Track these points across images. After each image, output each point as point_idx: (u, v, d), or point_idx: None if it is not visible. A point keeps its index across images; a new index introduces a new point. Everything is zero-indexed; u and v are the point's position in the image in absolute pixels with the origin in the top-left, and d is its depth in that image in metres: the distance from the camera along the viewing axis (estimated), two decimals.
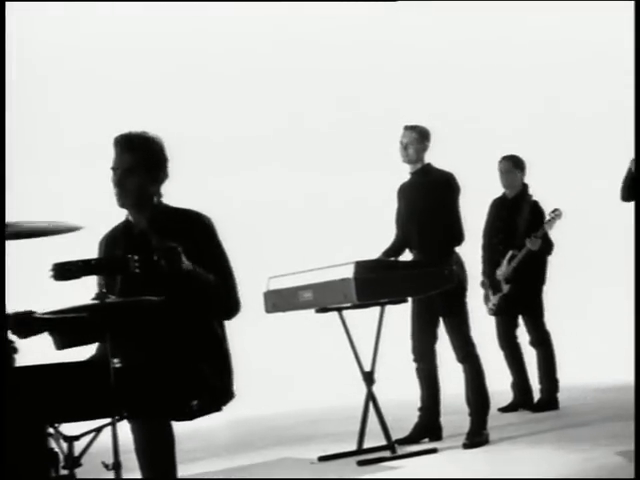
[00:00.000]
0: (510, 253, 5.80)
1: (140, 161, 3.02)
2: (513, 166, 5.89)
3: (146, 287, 2.85)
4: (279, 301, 4.78)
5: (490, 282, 5.88)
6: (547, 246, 5.79)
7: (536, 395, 5.91)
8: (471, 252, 5.33)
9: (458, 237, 4.86)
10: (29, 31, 8.08)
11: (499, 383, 5.37)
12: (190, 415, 2.90)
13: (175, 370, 2.83)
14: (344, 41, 8.82)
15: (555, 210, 5.74)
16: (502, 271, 5.82)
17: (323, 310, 4.73)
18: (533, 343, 5.90)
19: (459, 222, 4.87)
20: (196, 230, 3.01)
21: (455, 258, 4.82)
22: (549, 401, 5.83)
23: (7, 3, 4.83)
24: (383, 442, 4.67)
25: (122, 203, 3.06)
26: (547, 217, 5.75)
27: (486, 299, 5.96)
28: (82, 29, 8.59)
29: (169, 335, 2.88)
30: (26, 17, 7.88)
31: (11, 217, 2.77)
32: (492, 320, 5.98)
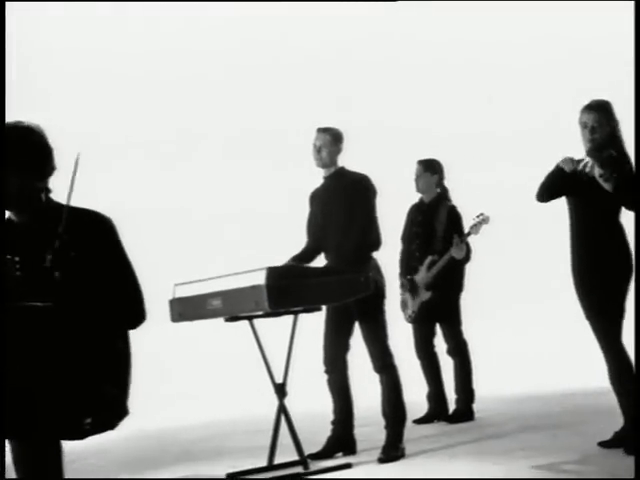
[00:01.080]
0: (429, 259, 5.67)
1: (15, 156, 2.70)
2: (424, 170, 5.78)
3: (32, 292, 2.56)
4: (186, 309, 4.53)
5: (410, 287, 5.74)
6: (467, 253, 5.68)
7: (451, 406, 5.81)
8: (390, 258, 5.20)
9: (375, 242, 4.70)
10: (29, 31, 8.24)
11: (414, 393, 5.23)
12: (83, 434, 2.63)
13: (64, 385, 2.55)
14: (343, 40, 8.98)
15: (481, 214, 5.64)
16: (421, 277, 5.69)
17: (233, 319, 4.50)
18: (450, 352, 5.78)
19: (376, 226, 4.72)
20: (96, 233, 2.73)
21: (372, 264, 4.66)
22: (464, 412, 5.72)
23: (7, 3, 4.81)
24: (295, 457, 4.49)
25: None
26: (472, 221, 5.66)
27: (404, 306, 5.82)
28: (82, 29, 8.80)
29: (57, 346, 2.59)
30: (26, 17, 8.03)
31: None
32: (405, 328, 5.83)
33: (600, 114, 4.30)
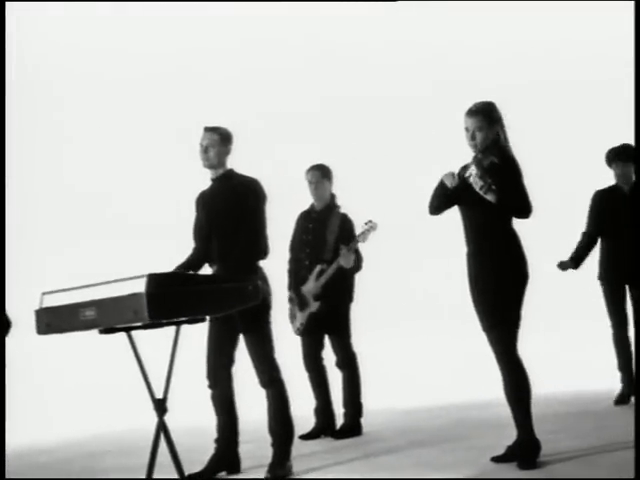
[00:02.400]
0: (318, 268, 5.46)
1: None
2: (322, 176, 5.58)
3: None
4: (55, 320, 4.14)
5: (297, 299, 5.51)
6: (357, 261, 5.50)
7: (339, 420, 5.62)
8: (277, 267, 4.99)
9: (263, 250, 4.47)
10: (29, 31, 8.17)
11: (302, 408, 5.02)
12: None
13: None
14: (344, 40, 8.99)
15: (369, 221, 5.46)
16: (309, 287, 5.48)
17: (109, 331, 4.16)
18: (339, 364, 5.59)
19: (264, 233, 4.49)
20: None
21: (260, 273, 4.42)
22: (352, 426, 5.55)
23: (7, 3, 4.71)
24: (175, 476, 4.19)
25: None
26: (360, 229, 5.47)
27: (292, 317, 5.59)
28: (82, 29, 8.71)
29: None
30: (26, 17, 7.95)
31: (12, 214, 2.19)
32: (292, 340, 5.61)
33: (480, 118, 4.13)
